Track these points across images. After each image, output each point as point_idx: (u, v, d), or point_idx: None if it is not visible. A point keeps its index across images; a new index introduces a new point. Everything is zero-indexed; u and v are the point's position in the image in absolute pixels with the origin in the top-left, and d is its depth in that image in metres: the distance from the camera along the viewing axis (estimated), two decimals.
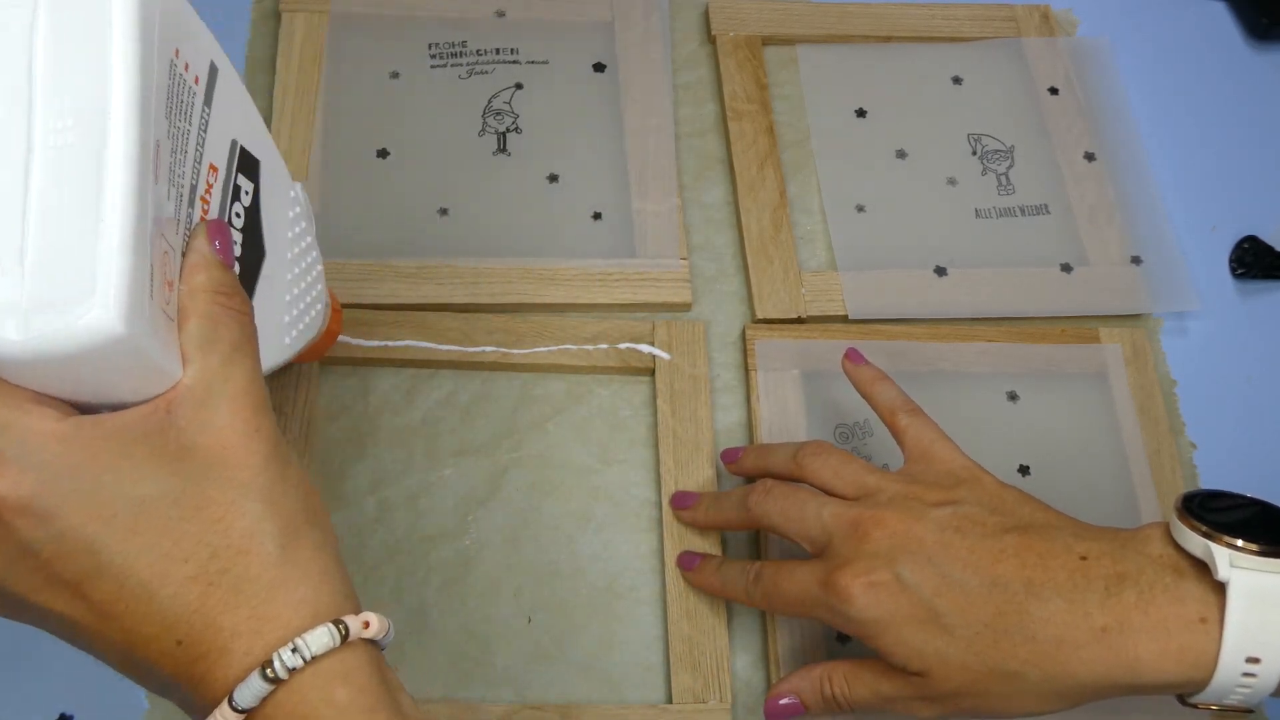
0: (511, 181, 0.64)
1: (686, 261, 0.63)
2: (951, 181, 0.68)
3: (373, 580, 0.54)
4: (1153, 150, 0.70)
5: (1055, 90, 0.71)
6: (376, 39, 0.68)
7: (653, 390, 0.60)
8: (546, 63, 0.68)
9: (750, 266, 0.63)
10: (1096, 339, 0.63)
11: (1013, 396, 0.61)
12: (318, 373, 0.58)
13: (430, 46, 0.68)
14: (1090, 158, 0.69)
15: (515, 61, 0.68)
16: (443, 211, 0.63)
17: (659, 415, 0.58)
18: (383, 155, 0.64)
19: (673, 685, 0.53)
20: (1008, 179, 0.68)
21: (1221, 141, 0.73)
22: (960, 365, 0.62)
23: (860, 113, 0.69)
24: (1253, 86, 0.75)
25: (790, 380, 0.60)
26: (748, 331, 0.61)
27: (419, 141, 0.65)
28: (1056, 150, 0.69)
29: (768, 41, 0.71)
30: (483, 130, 0.66)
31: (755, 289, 0.62)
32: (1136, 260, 0.66)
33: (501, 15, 0.69)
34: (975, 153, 0.69)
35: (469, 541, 0.56)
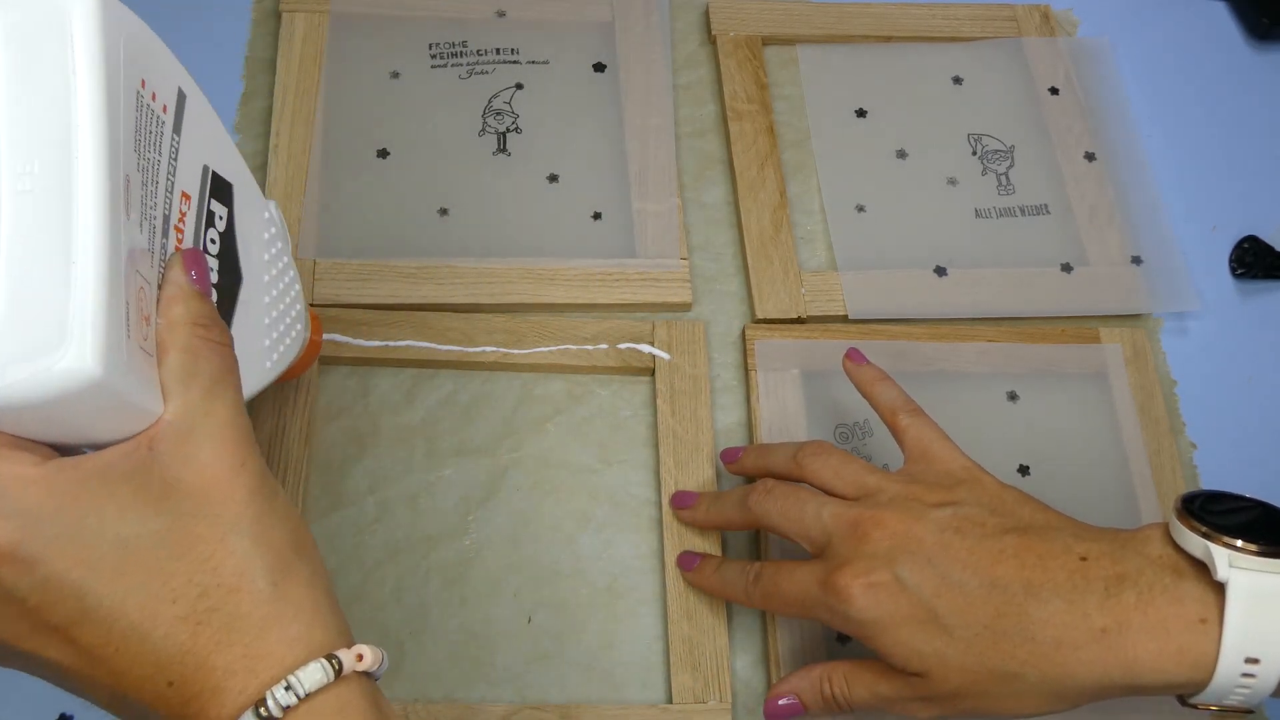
0: (511, 181, 0.64)
1: (686, 261, 0.63)
2: (951, 181, 0.68)
3: (373, 580, 0.54)
4: (1153, 150, 0.70)
5: (1055, 90, 0.71)
6: (376, 39, 0.68)
7: (653, 390, 0.60)
8: (546, 63, 0.68)
9: (750, 266, 0.63)
10: (1096, 339, 0.63)
11: (1013, 396, 0.61)
12: (318, 373, 0.58)
13: (430, 46, 0.68)
14: (1090, 158, 0.69)
15: (515, 61, 0.68)
16: (443, 211, 0.63)
17: (659, 415, 0.58)
18: (383, 155, 0.64)
19: (673, 685, 0.53)
20: (1008, 179, 0.68)
21: (1221, 141, 0.73)
22: (960, 365, 0.62)
23: (860, 113, 0.69)
24: (1253, 86, 0.75)
25: (790, 380, 0.60)
26: (748, 331, 0.61)
27: (419, 141, 0.65)
28: (1056, 150, 0.69)
29: (768, 41, 0.71)
30: (483, 130, 0.66)
31: (755, 289, 0.62)
32: (1136, 260, 0.66)
33: (501, 15, 0.69)
34: (975, 153, 0.69)
35: (469, 541, 0.56)
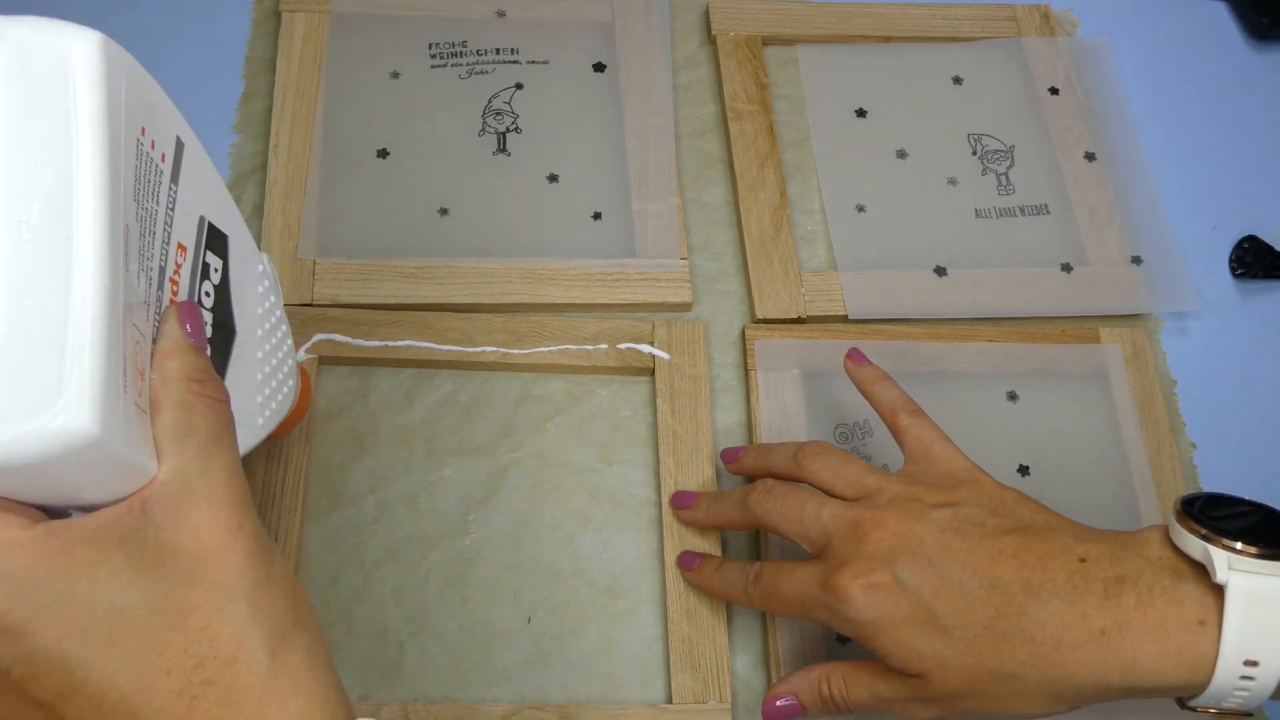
0: (511, 181, 0.64)
1: (686, 261, 0.63)
2: (951, 181, 0.68)
3: (373, 580, 0.54)
4: (1153, 150, 0.70)
5: (1055, 90, 0.71)
6: (376, 39, 0.68)
7: (653, 390, 0.60)
8: (546, 63, 0.68)
9: (750, 266, 0.63)
10: (1096, 339, 0.63)
11: (1013, 396, 0.61)
12: (318, 373, 0.58)
13: (430, 46, 0.68)
14: (1090, 158, 0.69)
15: (515, 61, 0.68)
16: (443, 211, 0.63)
17: (659, 415, 0.58)
18: (383, 155, 0.64)
19: (673, 685, 0.53)
20: (1008, 179, 0.68)
21: (1221, 141, 0.73)
22: (960, 365, 0.62)
23: (860, 113, 0.69)
24: (1253, 86, 0.75)
25: (790, 380, 0.60)
26: (748, 331, 0.61)
27: (419, 141, 0.65)
28: (1056, 150, 0.69)
29: (768, 41, 0.71)
30: (483, 130, 0.66)
31: (755, 289, 0.63)
32: (1136, 260, 0.66)
33: (502, 15, 0.69)
34: (975, 153, 0.69)
35: (469, 541, 0.56)
